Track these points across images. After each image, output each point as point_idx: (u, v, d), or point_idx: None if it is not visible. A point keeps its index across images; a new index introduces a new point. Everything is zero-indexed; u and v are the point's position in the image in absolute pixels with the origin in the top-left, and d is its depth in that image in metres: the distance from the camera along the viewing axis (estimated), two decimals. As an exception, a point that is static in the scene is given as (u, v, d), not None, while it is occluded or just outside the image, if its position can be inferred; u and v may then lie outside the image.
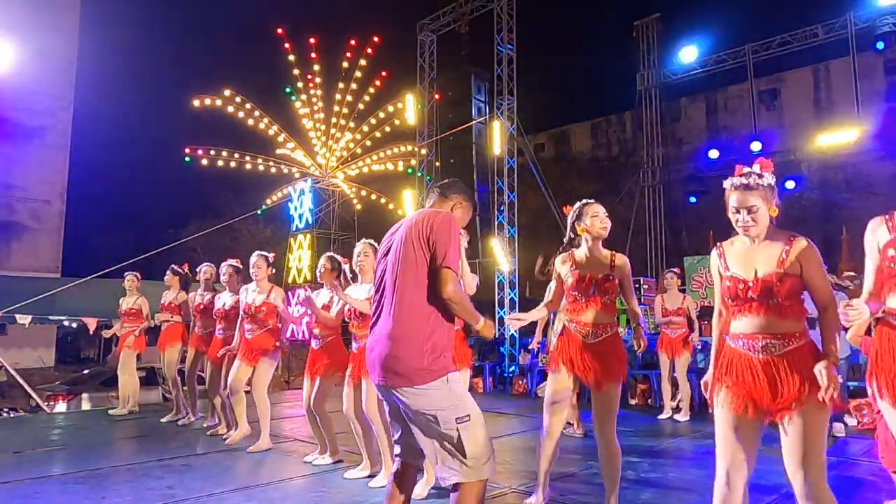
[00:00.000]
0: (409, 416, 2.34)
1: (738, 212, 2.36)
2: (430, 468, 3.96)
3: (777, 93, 20.65)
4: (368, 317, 4.08)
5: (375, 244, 4.30)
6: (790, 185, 13.08)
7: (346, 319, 4.31)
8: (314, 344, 4.63)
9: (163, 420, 6.53)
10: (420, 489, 3.70)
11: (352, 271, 4.44)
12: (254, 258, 5.24)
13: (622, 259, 3.36)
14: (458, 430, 2.25)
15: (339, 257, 4.68)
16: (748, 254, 2.37)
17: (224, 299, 5.64)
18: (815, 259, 2.29)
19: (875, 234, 2.35)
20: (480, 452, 2.26)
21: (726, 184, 2.42)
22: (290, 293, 12.15)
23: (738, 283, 2.33)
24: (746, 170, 2.41)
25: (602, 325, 3.26)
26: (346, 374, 4.24)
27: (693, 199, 15.69)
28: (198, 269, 6.34)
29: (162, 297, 6.69)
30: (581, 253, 3.39)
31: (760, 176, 2.37)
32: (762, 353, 2.27)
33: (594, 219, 3.34)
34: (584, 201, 3.44)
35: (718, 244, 2.52)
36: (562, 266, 3.43)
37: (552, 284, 3.56)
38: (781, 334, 2.26)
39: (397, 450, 2.52)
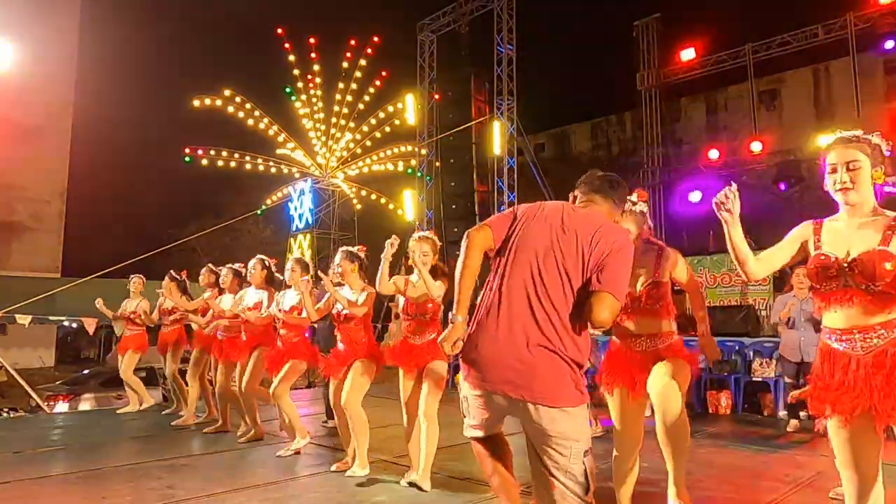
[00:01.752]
0: (535, 437, 2.08)
1: None
2: (416, 455, 4.00)
3: (777, 93, 20.61)
4: (356, 318, 4.17)
5: (354, 251, 4.37)
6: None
7: (334, 323, 4.39)
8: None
9: (165, 413, 6.63)
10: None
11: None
12: (251, 262, 5.37)
13: None
14: (584, 463, 2.04)
15: (306, 259, 5.00)
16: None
17: (223, 302, 5.70)
18: (681, 265, 3.00)
19: (805, 232, 2.25)
20: (594, 486, 2.08)
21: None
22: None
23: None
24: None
25: None
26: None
27: (693, 199, 15.68)
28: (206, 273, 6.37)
29: (162, 303, 6.69)
30: None
31: (634, 203, 3.03)
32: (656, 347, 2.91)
33: None
34: None
35: None
36: None
37: None
38: (665, 332, 2.91)
39: (474, 434, 2.28)
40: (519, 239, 2.16)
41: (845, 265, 2.05)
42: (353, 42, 19.75)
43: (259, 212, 19.54)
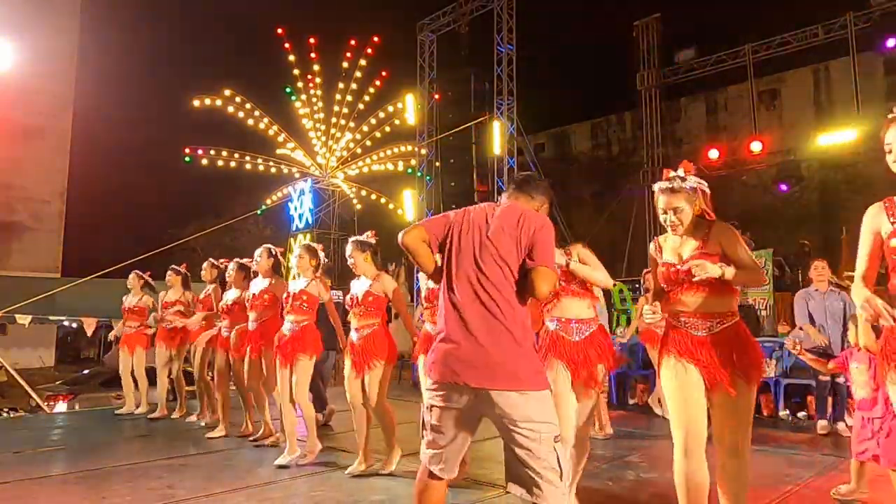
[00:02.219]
0: (503, 426, 2.13)
1: (665, 212, 2.63)
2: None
3: (777, 93, 20.64)
4: (371, 307, 4.13)
5: (364, 239, 4.35)
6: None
7: (347, 308, 4.34)
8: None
9: (173, 416, 6.60)
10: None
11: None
12: (257, 251, 5.23)
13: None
14: (555, 449, 2.12)
15: (318, 247, 4.93)
16: (678, 246, 2.68)
17: (228, 296, 5.56)
18: (732, 236, 2.55)
19: (874, 219, 2.20)
20: (569, 473, 2.15)
21: (654, 187, 2.69)
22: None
23: (670, 268, 2.62)
24: (672, 174, 2.65)
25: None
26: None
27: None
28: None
29: (164, 296, 6.67)
30: None
31: (683, 179, 2.63)
32: (711, 330, 2.52)
33: None
34: None
35: (655, 238, 2.78)
36: None
37: None
38: (722, 312, 2.53)
39: (430, 459, 2.28)
40: (454, 246, 2.34)
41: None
42: (353, 42, 19.73)
43: (259, 212, 19.52)
